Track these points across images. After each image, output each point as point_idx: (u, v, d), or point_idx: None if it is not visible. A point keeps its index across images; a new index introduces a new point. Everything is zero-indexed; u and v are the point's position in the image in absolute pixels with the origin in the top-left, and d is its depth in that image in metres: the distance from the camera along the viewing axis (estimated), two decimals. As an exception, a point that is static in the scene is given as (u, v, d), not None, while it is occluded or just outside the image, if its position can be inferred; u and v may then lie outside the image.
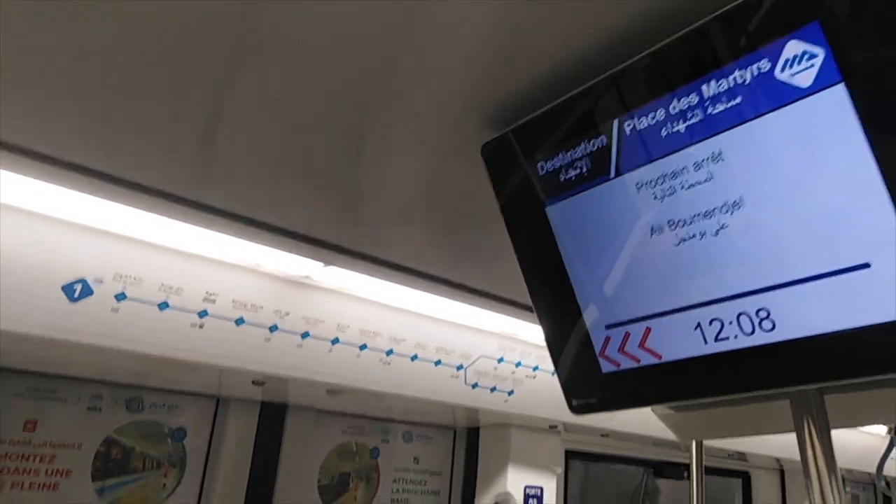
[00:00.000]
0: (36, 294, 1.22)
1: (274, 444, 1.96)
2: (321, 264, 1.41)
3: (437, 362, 1.79)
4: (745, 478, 3.59)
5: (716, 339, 0.79)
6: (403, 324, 1.72)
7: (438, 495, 2.38)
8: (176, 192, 1.13)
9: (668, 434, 2.38)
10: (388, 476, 2.26)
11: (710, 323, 0.79)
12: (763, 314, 0.75)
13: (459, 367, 1.84)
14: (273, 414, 1.98)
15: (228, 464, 1.87)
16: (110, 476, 1.71)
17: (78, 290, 1.26)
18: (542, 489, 2.31)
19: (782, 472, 3.53)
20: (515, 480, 2.24)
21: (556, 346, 0.98)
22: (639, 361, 0.87)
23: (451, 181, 1.13)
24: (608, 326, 0.91)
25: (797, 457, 0.88)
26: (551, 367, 2.09)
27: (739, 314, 0.77)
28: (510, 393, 1.97)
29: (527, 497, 2.26)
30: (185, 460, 1.83)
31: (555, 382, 1.01)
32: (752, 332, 0.76)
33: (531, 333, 1.95)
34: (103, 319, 1.29)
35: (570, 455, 2.71)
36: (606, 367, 0.92)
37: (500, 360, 1.92)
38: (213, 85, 0.89)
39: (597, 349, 0.92)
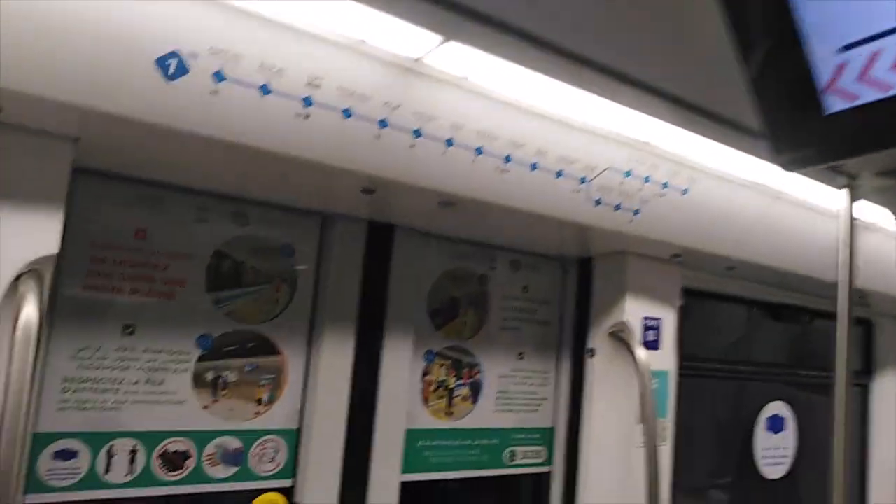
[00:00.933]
0: (129, 68, 1.09)
1: (383, 264, 1.87)
2: (439, 39, 1.19)
3: (559, 173, 1.59)
4: (867, 326, 3.32)
5: None
6: (524, 126, 1.51)
7: (549, 325, 2.28)
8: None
9: (804, 267, 2.13)
10: (498, 304, 2.16)
11: None
12: None
13: (582, 180, 1.64)
14: (381, 234, 1.87)
15: (338, 283, 1.79)
16: (224, 287, 1.67)
17: (173, 66, 1.11)
18: (660, 321, 2.16)
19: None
20: (633, 311, 2.08)
21: (762, 92, 0.75)
22: (891, 89, 0.64)
23: None
24: (843, 49, 0.67)
25: None
26: (681, 183, 1.87)
27: None
28: (635, 212, 1.77)
29: (645, 328, 2.12)
30: (295, 277, 1.77)
31: (683, 203, 0.82)
32: None
33: (668, 140, 1.71)
34: (202, 103, 1.15)
35: (686, 293, 2.53)
36: (834, 104, 0.69)
37: (628, 174, 1.70)
38: None
39: (821, 84, 0.69)
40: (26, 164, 1.21)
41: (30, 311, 1.14)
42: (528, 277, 2.24)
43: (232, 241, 1.69)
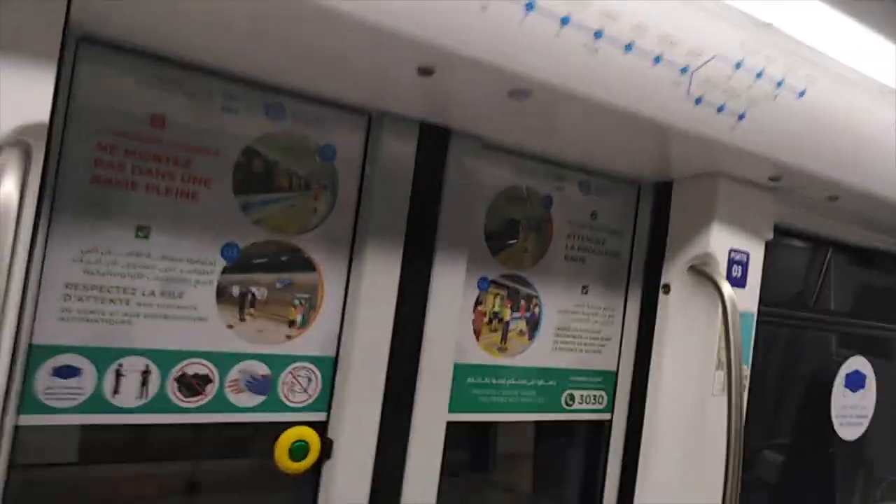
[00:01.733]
0: None
1: (436, 175, 1.60)
2: None
3: (657, 59, 1.28)
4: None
5: None
6: (620, -9, 1.21)
7: (618, 257, 2.00)
8: None
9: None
10: (562, 230, 1.88)
11: None
12: None
13: (684, 70, 1.32)
14: (435, 139, 1.59)
15: (385, 194, 1.52)
16: (254, 191, 1.42)
17: None
18: (748, 256, 1.86)
19: None
20: (720, 242, 1.78)
21: None
22: None
23: None
24: None
25: None
26: (798, 83, 1.51)
27: None
28: (740, 117, 1.45)
29: (731, 263, 1.82)
30: (336, 183, 1.52)
31: (796, 109, 0.67)
32: None
33: (790, 22, 1.38)
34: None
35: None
36: None
37: (738, 66, 1.38)
38: None
39: None
40: (10, 13, 0.97)
41: (8, 187, 0.91)
42: (598, 202, 1.95)
43: (265, 137, 1.42)
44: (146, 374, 1.32)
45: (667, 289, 1.89)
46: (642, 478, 1.89)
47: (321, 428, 1.51)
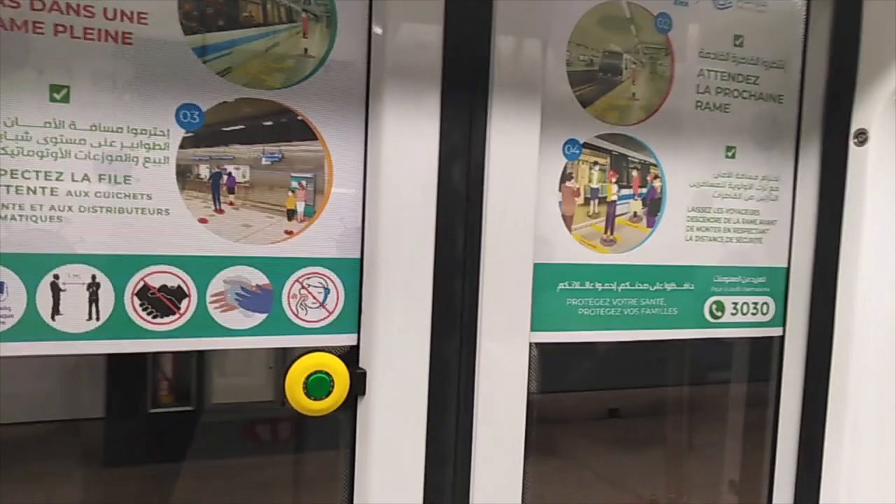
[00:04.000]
0: None
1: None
2: None
3: None
4: None
5: None
6: None
7: (780, 101, 1.33)
8: None
9: None
10: (689, 65, 1.25)
11: None
12: None
13: None
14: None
15: (409, 13, 1.02)
16: (213, 27, 0.98)
17: None
18: None
19: None
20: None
21: None
22: None
23: None
24: None
25: None
26: None
27: None
28: None
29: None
30: (334, 9, 1.03)
31: None
32: None
33: None
34: None
35: None
36: None
37: None
38: None
39: None
40: None
41: None
42: (744, 19, 1.29)
43: (222, -48, 0.98)
44: (94, 288, 0.94)
45: (861, 137, 1.21)
46: (835, 420, 1.27)
47: (349, 355, 1.07)
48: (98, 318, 0.94)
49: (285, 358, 1.07)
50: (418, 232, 1.04)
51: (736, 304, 1.31)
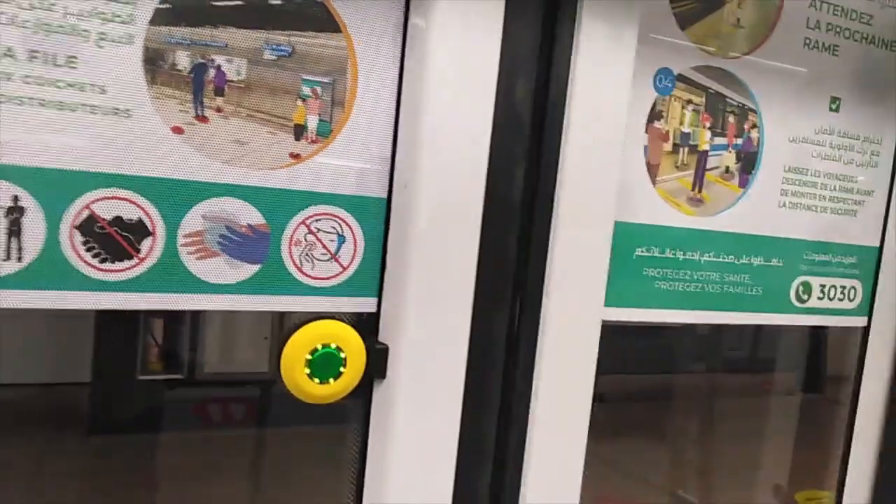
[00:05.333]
0: None
1: None
2: None
3: None
4: None
5: None
6: None
7: (893, 49, 1.09)
8: None
9: None
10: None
11: None
12: None
13: None
14: None
15: None
16: None
17: None
18: None
19: None
20: None
21: None
22: None
23: None
24: None
25: None
26: None
27: None
28: None
29: None
30: None
31: None
32: None
33: None
34: None
35: None
36: None
37: None
38: None
39: None
40: None
41: None
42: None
43: None
44: (16, 215, 0.65)
45: None
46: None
47: (367, 325, 0.80)
48: (20, 259, 0.64)
49: (283, 325, 0.79)
50: (466, 167, 0.76)
51: (824, 286, 1.07)
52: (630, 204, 0.88)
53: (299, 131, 0.73)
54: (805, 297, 1.05)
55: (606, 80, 0.78)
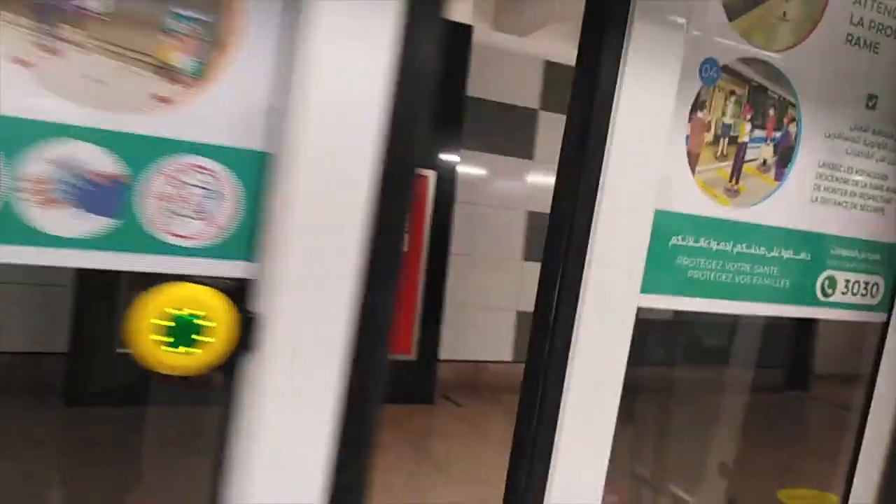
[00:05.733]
0: None
1: None
2: None
3: None
4: None
5: None
6: None
7: (942, 43, 1.08)
8: None
9: None
10: (851, -15, 1.00)
11: None
12: None
13: None
14: None
15: None
16: None
17: None
18: None
19: None
20: None
21: None
22: None
23: None
24: None
25: None
26: None
27: None
28: None
29: None
30: None
31: None
32: None
33: None
34: None
35: None
36: None
37: None
38: None
39: None
40: None
41: None
42: (919, -64, 1.02)
43: None
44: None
45: None
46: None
47: (237, 290, 0.72)
48: None
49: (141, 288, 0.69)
50: (359, 124, 0.69)
51: (848, 281, 1.08)
52: (670, 192, 0.89)
53: (169, 72, 0.67)
54: (830, 291, 1.06)
55: (655, 74, 0.79)
